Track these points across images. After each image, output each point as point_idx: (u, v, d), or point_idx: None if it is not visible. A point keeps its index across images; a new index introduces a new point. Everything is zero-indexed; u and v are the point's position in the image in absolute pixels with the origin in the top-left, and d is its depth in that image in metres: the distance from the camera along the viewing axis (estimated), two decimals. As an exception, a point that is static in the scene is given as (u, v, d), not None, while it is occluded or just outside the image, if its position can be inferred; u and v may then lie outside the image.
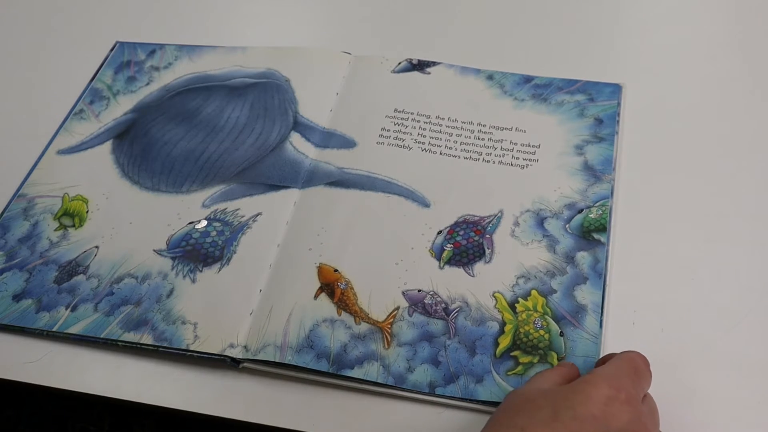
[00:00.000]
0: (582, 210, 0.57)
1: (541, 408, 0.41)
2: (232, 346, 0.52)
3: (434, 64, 0.67)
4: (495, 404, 0.48)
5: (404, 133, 0.62)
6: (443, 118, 0.63)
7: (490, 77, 0.66)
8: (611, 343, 0.50)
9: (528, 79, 0.65)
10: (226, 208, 0.60)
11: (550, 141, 0.61)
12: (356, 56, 0.69)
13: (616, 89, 0.64)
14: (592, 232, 0.55)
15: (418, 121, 0.63)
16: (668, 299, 0.52)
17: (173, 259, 0.57)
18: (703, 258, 0.54)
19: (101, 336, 0.54)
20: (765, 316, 0.51)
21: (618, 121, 0.61)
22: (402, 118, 0.63)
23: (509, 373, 0.50)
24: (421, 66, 0.67)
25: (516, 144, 0.61)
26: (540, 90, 0.64)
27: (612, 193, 0.57)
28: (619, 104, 0.63)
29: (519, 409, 0.42)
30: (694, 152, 0.60)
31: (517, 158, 0.60)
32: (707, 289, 0.53)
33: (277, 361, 0.51)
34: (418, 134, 0.62)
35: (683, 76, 0.66)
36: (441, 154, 0.61)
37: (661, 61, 0.67)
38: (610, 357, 0.47)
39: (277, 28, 0.74)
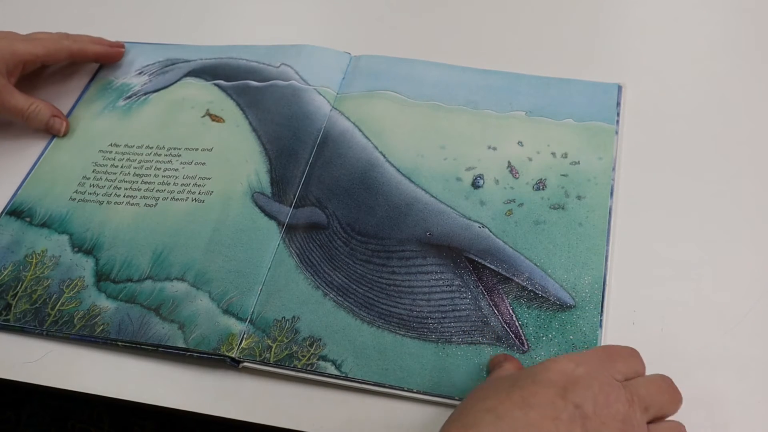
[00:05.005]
0: None
1: (504, 380, 0.42)
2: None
3: None
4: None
5: None
6: None
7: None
8: (611, 343, 0.50)
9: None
10: None
11: None
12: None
13: (616, 89, 0.64)
14: None
15: None
16: (668, 299, 0.52)
17: None
18: (703, 258, 0.54)
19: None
20: (765, 316, 0.51)
21: (618, 121, 0.61)
22: None
23: None
24: None
25: None
26: None
27: (612, 193, 0.57)
28: (618, 104, 0.63)
29: (485, 390, 0.43)
30: (694, 152, 0.60)
31: None
32: (707, 289, 0.53)
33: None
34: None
35: (683, 76, 0.66)
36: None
37: (661, 61, 0.67)
38: None
39: (278, 27, 0.74)
